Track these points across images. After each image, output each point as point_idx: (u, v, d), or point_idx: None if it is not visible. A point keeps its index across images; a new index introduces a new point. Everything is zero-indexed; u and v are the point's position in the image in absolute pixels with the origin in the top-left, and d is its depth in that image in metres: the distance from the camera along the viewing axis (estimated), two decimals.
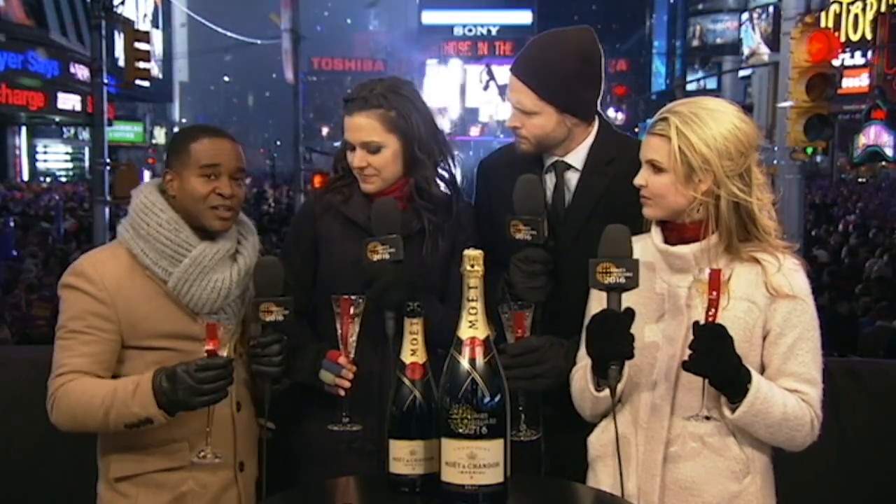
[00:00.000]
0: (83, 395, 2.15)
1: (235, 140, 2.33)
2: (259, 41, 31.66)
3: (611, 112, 32.63)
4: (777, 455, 2.11)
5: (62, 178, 36.63)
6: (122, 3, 15.00)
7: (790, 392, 2.00)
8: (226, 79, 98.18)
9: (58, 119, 30.47)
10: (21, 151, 34.79)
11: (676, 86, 45.13)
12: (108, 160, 14.28)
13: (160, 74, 36.86)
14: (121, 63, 16.06)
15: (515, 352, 2.13)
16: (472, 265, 1.75)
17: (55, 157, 38.28)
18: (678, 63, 52.34)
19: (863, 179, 33.09)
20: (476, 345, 1.73)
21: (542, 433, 2.18)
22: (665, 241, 2.09)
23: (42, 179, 35.03)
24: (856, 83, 30.29)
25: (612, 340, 1.94)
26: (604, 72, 2.38)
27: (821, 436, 2.04)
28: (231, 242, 2.32)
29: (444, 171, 2.45)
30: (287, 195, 26.50)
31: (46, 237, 14.80)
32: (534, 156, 2.39)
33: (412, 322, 1.87)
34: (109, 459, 2.28)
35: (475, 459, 1.70)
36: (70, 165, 38.63)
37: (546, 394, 2.20)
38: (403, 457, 1.84)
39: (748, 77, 42.46)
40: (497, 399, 1.72)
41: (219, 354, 2.04)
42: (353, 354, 2.20)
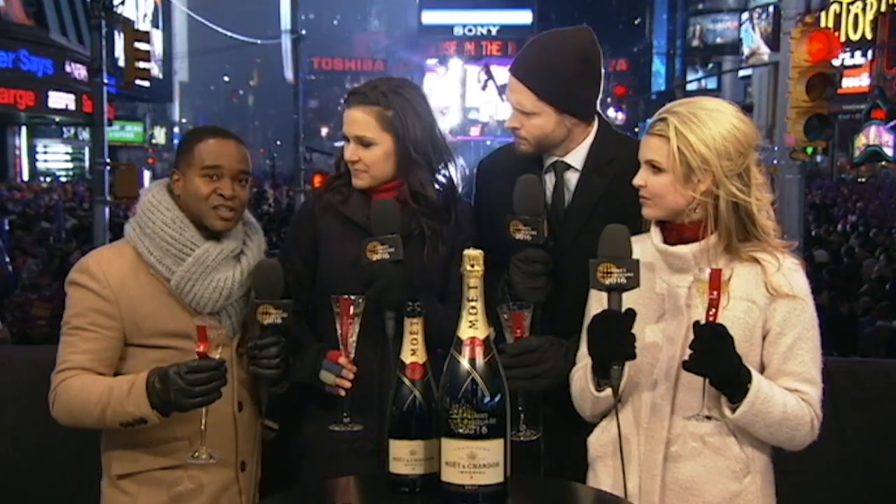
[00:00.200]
0: (81, 392, 2.16)
1: (242, 142, 2.34)
2: (259, 41, 31.66)
3: (611, 112, 32.63)
4: (777, 455, 2.11)
5: (62, 178, 36.62)
6: (122, 3, 14.99)
7: (790, 391, 2.00)
8: (226, 79, 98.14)
9: (57, 119, 30.44)
10: (21, 151, 34.81)
11: (676, 86, 45.12)
12: (108, 160, 14.27)
13: (160, 74, 36.87)
14: (121, 63, 16.06)
15: (514, 352, 2.13)
16: (472, 265, 1.75)
17: (55, 157, 38.28)
18: (678, 63, 52.33)
19: (863, 179, 33.07)
20: (476, 345, 1.73)
21: (542, 433, 2.18)
22: (664, 242, 2.09)
23: (42, 179, 35.02)
24: (856, 83, 30.33)
25: (614, 341, 1.94)
26: (603, 72, 2.38)
27: (821, 436, 2.04)
28: (236, 243, 2.32)
29: (443, 177, 2.43)
30: (287, 195, 26.49)
31: (46, 237, 14.78)
32: (533, 156, 2.39)
33: (412, 322, 1.86)
34: (111, 457, 2.29)
35: (475, 459, 1.70)
36: (70, 165, 38.63)
37: (546, 394, 2.20)
38: (403, 457, 1.84)
39: (748, 77, 42.51)
40: (497, 399, 1.72)
41: (209, 356, 2.04)
42: (353, 354, 2.19)
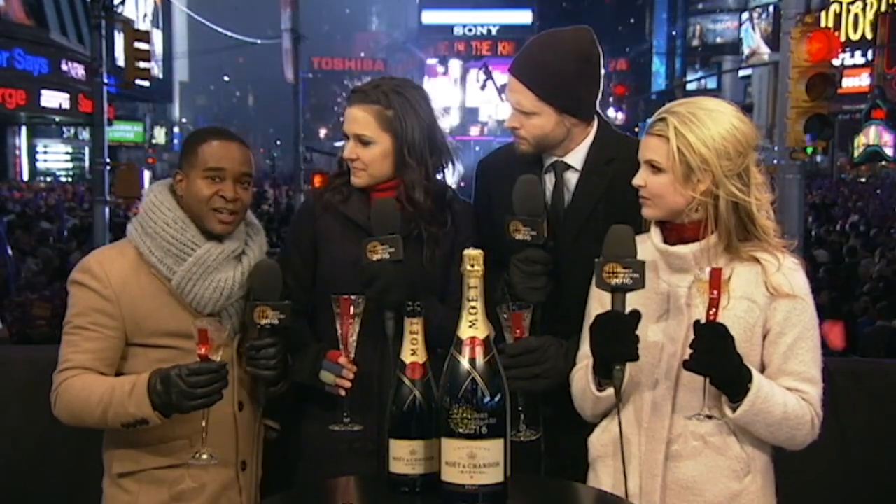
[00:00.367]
0: (82, 392, 2.16)
1: (246, 144, 2.34)
2: (259, 41, 31.67)
3: (611, 112, 32.66)
4: (777, 455, 2.11)
5: (62, 178, 36.61)
6: (122, 3, 14.98)
7: (790, 391, 2.00)
8: (226, 79, 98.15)
9: (57, 119, 30.44)
10: (21, 151, 34.83)
11: (676, 86, 45.12)
12: (108, 160, 14.27)
13: (160, 74, 36.89)
14: (121, 63, 16.05)
15: (514, 352, 2.13)
16: (472, 265, 1.75)
17: (55, 157, 38.26)
18: (678, 63, 52.36)
19: (863, 179, 33.07)
20: (476, 345, 1.73)
21: (542, 433, 2.18)
22: (664, 241, 2.09)
23: (42, 179, 35.02)
24: (856, 83, 30.35)
25: (618, 342, 1.94)
26: (603, 72, 2.38)
27: (821, 436, 2.04)
28: (238, 243, 2.32)
29: (436, 181, 2.42)
30: (287, 195, 26.47)
31: (47, 237, 14.77)
32: (533, 156, 2.38)
33: (412, 322, 1.86)
34: (112, 455, 2.29)
35: (475, 459, 1.70)
36: (70, 165, 38.61)
37: (546, 394, 2.20)
38: (403, 456, 1.84)
39: (748, 77, 42.53)
40: (497, 399, 1.72)
41: (210, 359, 2.04)
42: (353, 354, 2.19)
